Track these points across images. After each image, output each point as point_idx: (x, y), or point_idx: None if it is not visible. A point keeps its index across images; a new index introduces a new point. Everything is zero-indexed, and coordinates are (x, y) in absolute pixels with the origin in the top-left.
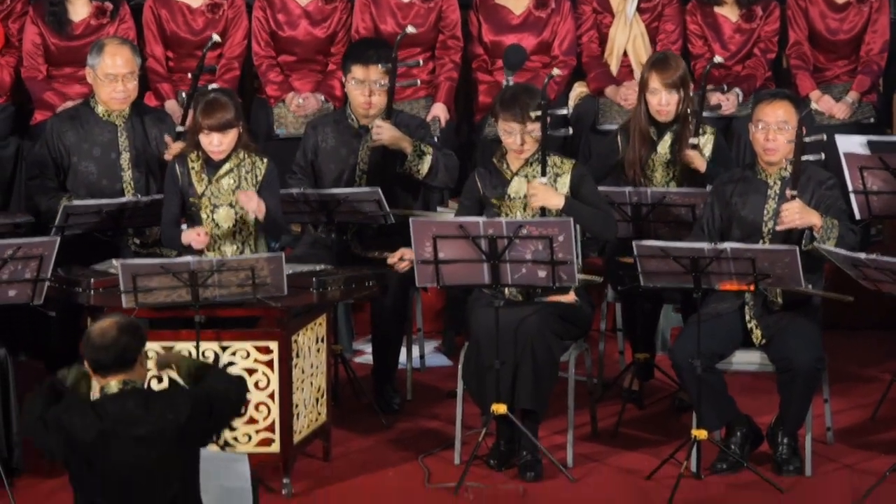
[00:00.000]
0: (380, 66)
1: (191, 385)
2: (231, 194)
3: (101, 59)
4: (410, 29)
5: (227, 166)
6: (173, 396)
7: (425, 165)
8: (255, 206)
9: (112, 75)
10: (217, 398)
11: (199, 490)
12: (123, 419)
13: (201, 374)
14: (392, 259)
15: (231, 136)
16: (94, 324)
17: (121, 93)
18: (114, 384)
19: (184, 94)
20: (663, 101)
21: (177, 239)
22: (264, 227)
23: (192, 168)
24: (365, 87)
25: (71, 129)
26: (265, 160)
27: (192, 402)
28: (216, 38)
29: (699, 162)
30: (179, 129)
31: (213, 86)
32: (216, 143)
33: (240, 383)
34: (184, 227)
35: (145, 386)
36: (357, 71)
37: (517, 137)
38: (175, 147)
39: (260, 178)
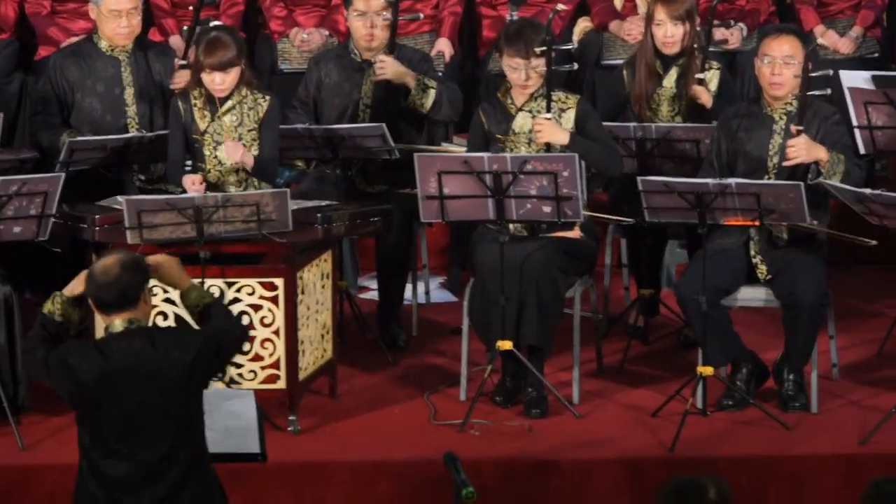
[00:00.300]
0: None
1: (193, 312)
2: (234, 131)
3: None
4: None
5: (229, 103)
6: (180, 335)
7: (429, 99)
8: (239, 158)
9: (116, 11)
10: (224, 337)
11: (204, 427)
12: (129, 358)
13: (206, 308)
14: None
15: (233, 75)
16: (96, 261)
17: (125, 28)
18: (118, 323)
19: (185, 29)
20: (669, 34)
21: (179, 175)
22: (253, 174)
23: (195, 105)
24: (367, 19)
25: (74, 64)
26: (267, 97)
27: (201, 341)
28: None
29: (705, 97)
30: (181, 62)
31: (215, 23)
32: (218, 81)
33: (241, 321)
34: (188, 165)
35: (150, 324)
36: (359, 3)
37: (522, 73)
38: (181, 75)
39: (262, 115)
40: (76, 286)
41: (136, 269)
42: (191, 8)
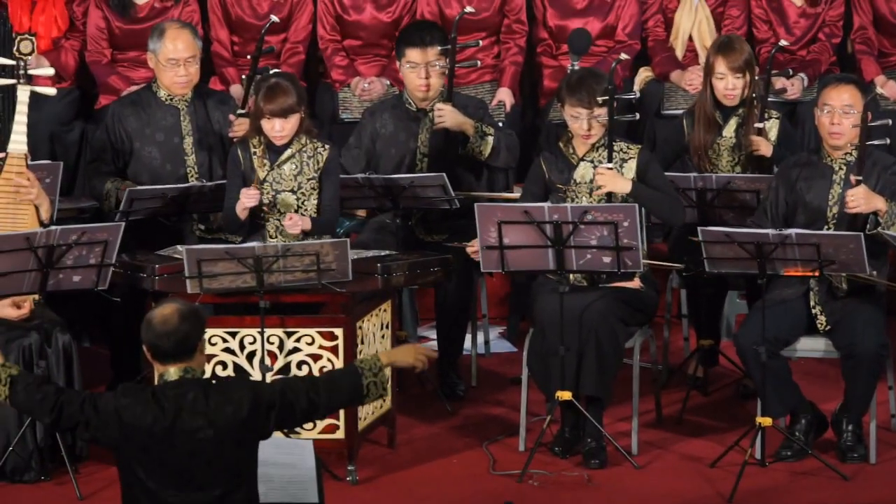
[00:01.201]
0: (434, 48)
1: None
2: (293, 180)
3: (161, 44)
4: (469, 9)
5: (288, 152)
6: (233, 389)
7: (488, 146)
8: (298, 230)
9: (173, 60)
10: (292, 395)
11: (256, 481)
12: (183, 408)
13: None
14: (471, 249)
15: (293, 122)
16: (154, 309)
17: (183, 77)
18: (173, 371)
19: (244, 78)
20: (730, 86)
21: (237, 222)
22: (315, 230)
23: (254, 153)
24: (420, 69)
25: (133, 114)
26: (327, 146)
27: (253, 398)
28: (274, 18)
29: (765, 147)
30: (240, 112)
31: (276, 70)
32: (278, 128)
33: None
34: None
35: (205, 374)
36: (411, 54)
37: (584, 123)
38: (239, 124)
39: (321, 164)
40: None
41: (195, 318)
42: (249, 57)
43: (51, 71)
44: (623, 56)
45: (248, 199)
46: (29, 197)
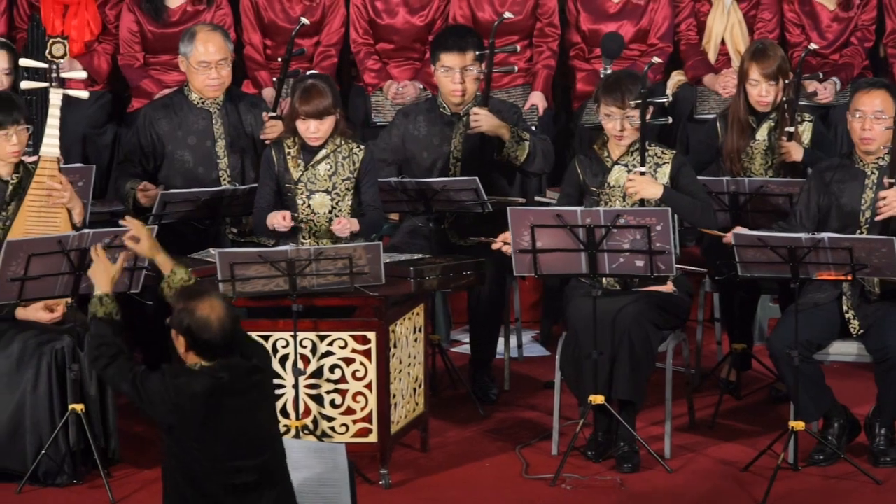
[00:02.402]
0: (469, 53)
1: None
2: (328, 180)
3: (193, 47)
4: (508, 14)
5: (323, 152)
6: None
7: (523, 152)
8: (348, 233)
9: (205, 63)
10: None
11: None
12: (234, 369)
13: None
14: (496, 245)
15: (328, 123)
16: (202, 306)
17: (214, 80)
18: (206, 362)
19: (275, 80)
20: (763, 92)
21: (266, 224)
22: (363, 231)
23: (289, 154)
24: (454, 74)
25: (165, 117)
26: (362, 147)
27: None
28: (304, 21)
29: (795, 152)
30: (272, 114)
31: (312, 71)
32: (313, 129)
33: None
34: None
35: None
36: (446, 59)
37: (617, 123)
38: (272, 126)
39: (357, 164)
40: (106, 280)
41: (237, 317)
42: (280, 60)
43: (83, 74)
44: (655, 60)
45: (279, 225)
46: (62, 201)
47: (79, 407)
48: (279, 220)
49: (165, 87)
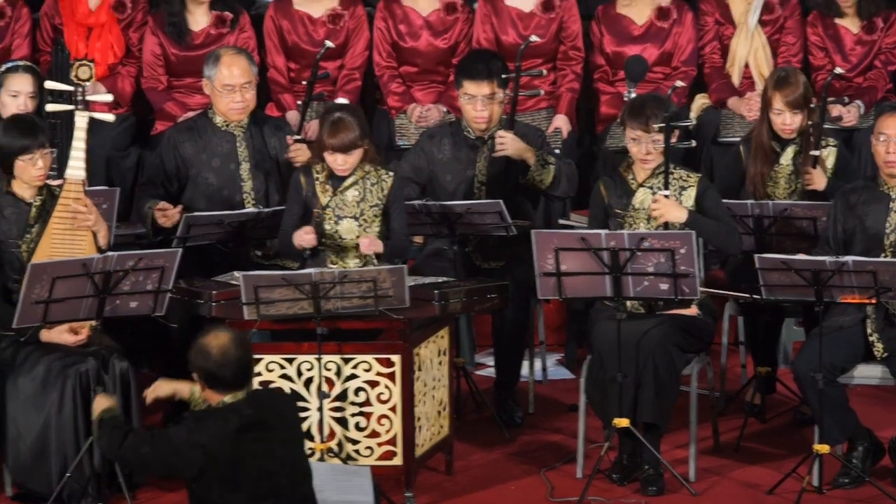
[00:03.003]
0: (493, 80)
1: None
2: (356, 206)
3: (217, 70)
4: (533, 38)
5: (351, 178)
6: (279, 392)
7: (549, 175)
8: (373, 251)
9: (229, 86)
10: None
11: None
12: (259, 404)
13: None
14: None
15: (356, 156)
16: (205, 338)
17: (239, 103)
18: (229, 399)
19: (300, 104)
20: (787, 121)
21: (293, 249)
22: (388, 256)
23: (317, 179)
24: (476, 101)
25: (189, 140)
26: (391, 174)
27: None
28: (329, 44)
29: (818, 181)
30: (296, 137)
31: (341, 100)
32: (340, 162)
33: None
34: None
35: None
36: (469, 86)
37: (643, 146)
38: (296, 150)
39: (385, 191)
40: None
41: (247, 344)
42: (304, 83)
43: (109, 97)
44: (679, 83)
45: (304, 241)
46: (87, 223)
47: None
48: (303, 235)
49: (189, 110)
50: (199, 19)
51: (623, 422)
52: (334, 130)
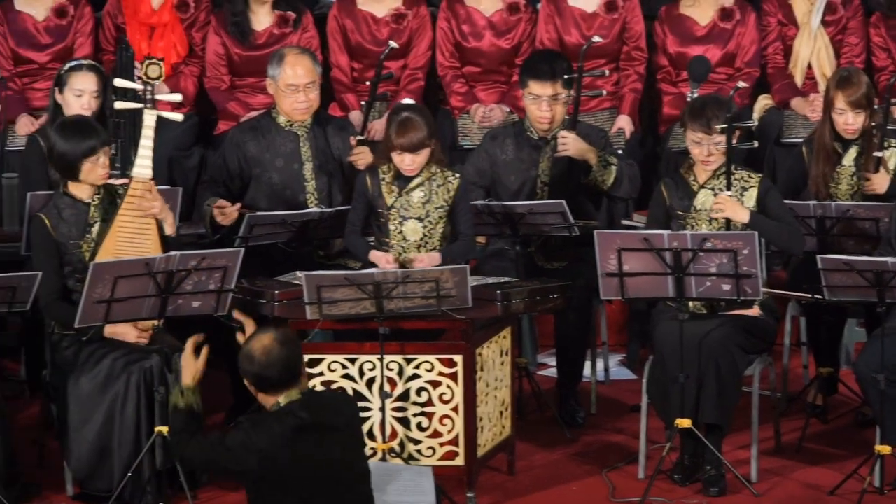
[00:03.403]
0: (557, 80)
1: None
2: (421, 207)
3: (281, 70)
4: (596, 38)
5: (417, 180)
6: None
7: (611, 176)
8: (429, 265)
9: (293, 86)
10: None
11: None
12: (316, 406)
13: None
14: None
15: (423, 155)
16: (249, 343)
17: (303, 103)
18: (283, 399)
19: (363, 104)
20: (850, 121)
21: (360, 248)
22: (454, 256)
23: (383, 179)
24: (541, 102)
25: (252, 139)
26: (457, 175)
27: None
28: (393, 44)
29: (881, 186)
30: (359, 138)
31: (408, 100)
32: (408, 161)
33: None
34: (371, 240)
35: None
36: (534, 86)
37: (704, 148)
38: (359, 152)
39: (452, 193)
40: (190, 375)
41: (293, 343)
42: (368, 83)
43: (177, 97)
44: (741, 84)
45: (386, 266)
46: (153, 211)
47: (165, 429)
48: (383, 262)
49: (252, 110)
50: (262, 19)
51: (685, 422)
52: (402, 130)
